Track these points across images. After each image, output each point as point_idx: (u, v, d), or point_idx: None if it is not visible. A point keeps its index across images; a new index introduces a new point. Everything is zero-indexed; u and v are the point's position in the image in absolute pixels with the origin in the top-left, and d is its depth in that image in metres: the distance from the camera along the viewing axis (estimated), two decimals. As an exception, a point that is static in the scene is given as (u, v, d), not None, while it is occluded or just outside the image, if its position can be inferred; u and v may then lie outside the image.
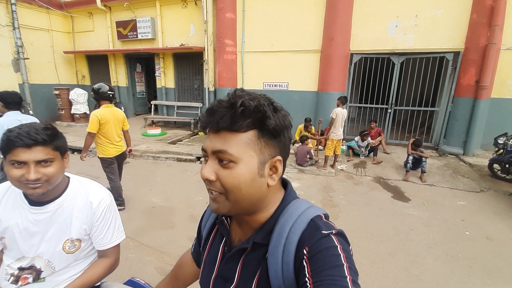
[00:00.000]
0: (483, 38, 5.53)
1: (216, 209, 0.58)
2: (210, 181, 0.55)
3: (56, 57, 9.44)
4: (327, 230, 0.55)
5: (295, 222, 0.57)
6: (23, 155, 0.90)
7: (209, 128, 0.56)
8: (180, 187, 4.43)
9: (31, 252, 1.02)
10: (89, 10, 9.22)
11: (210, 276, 0.68)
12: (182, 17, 8.09)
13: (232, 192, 0.55)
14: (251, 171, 0.55)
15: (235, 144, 0.53)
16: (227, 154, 0.53)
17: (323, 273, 0.48)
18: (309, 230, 0.56)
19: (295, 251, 0.54)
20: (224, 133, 0.54)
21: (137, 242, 2.86)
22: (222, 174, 0.54)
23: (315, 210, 0.60)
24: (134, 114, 10.15)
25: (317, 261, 0.50)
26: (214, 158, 0.56)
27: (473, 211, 3.79)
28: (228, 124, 0.53)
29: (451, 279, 2.48)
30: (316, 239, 0.53)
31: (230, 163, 0.54)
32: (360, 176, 5.07)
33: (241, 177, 0.54)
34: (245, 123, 0.53)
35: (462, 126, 6.06)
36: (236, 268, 0.62)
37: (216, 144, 0.54)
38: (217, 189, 0.55)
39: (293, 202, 0.62)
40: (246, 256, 0.62)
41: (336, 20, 6.36)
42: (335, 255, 0.50)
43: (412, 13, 6.07)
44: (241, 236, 0.65)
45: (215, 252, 0.70)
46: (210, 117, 0.55)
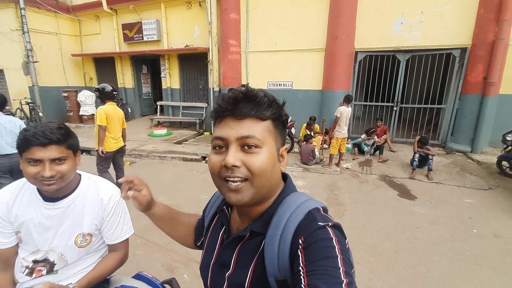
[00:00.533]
0: (491, 34, 5.45)
1: (238, 200, 0.58)
2: (234, 169, 0.56)
3: (64, 60, 9.63)
4: (323, 222, 0.56)
5: (293, 213, 0.59)
6: (39, 153, 0.95)
7: (230, 116, 0.57)
8: (186, 186, 4.48)
9: (45, 245, 1.07)
10: (95, 14, 9.37)
11: (209, 262, 0.71)
12: (187, 18, 8.17)
13: (259, 177, 0.56)
14: (273, 156, 0.59)
15: (260, 130, 0.57)
16: (255, 139, 0.56)
17: (317, 263, 0.49)
18: (305, 221, 0.57)
19: (291, 240, 0.56)
20: (249, 120, 0.57)
21: (144, 240, 2.92)
22: (248, 159, 0.56)
23: (313, 202, 0.62)
24: (140, 115, 10.28)
25: (311, 251, 0.51)
26: (237, 145, 0.57)
27: (481, 209, 3.74)
28: (255, 111, 0.57)
29: (457, 277, 2.46)
30: (312, 230, 0.54)
31: (255, 148, 0.56)
32: (366, 174, 5.05)
33: (267, 161, 0.57)
34: (269, 112, 0.58)
35: (469, 123, 5.98)
36: (232, 254, 0.65)
37: (241, 130, 0.56)
38: (243, 175, 0.56)
39: (292, 194, 0.64)
40: (243, 244, 0.64)
41: (340, 18, 6.34)
42: (329, 246, 0.51)
43: (418, 9, 6.01)
44: (240, 225, 0.68)
45: (214, 239, 0.73)
46: (232, 105, 0.57)
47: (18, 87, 8.88)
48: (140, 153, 6.10)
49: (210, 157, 0.61)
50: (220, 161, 0.58)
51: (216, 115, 0.60)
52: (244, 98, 0.57)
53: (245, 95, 0.57)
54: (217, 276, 0.67)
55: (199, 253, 2.45)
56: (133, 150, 6.19)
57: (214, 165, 0.59)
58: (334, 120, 5.05)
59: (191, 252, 2.72)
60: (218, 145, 0.59)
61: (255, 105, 0.57)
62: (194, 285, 2.34)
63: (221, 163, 0.57)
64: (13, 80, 8.96)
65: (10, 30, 8.28)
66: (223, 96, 0.59)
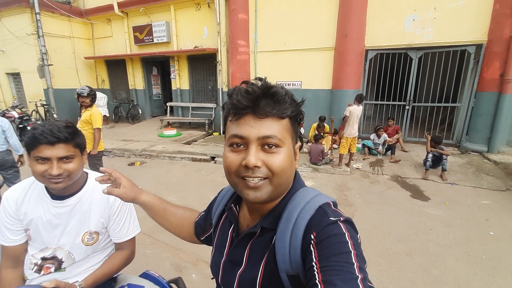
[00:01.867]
0: (508, 29, 5.25)
1: (257, 197, 0.57)
2: (255, 169, 0.55)
3: (77, 62, 9.88)
4: (335, 217, 0.55)
5: (303, 208, 0.58)
6: (47, 151, 0.96)
7: (251, 114, 0.55)
8: (195, 186, 4.51)
9: (53, 243, 1.08)
10: (107, 17, 9.58)
11: (220, 261, 0.70)
12: (196, 20, 8.23)
13: (279, 176, 0.56)
14: (291, 154, 0.59)
15: (279, 129, 0.56)
16: (276, 139, 0.55)
17: (330, 259, 0.49)
18: (317, 216, 0.57)
19: (303, 236, 0.55)
20: (270, 119, 0.55)
21: (153, 239, 2.94)
22: (269, 159, 0.55)
23: (323, 197, 0.61)
24: (150, 116, 10.43)
25: (324, 247, 0.51)
26: (258, 144, 0.55)
27: (498, 211, 3.60)
28: (276, 110, 0.55)
29: (473, 281, 2.37)
30: (324, 225, 0.54)
31: (276, 147, 0.56)
32: (377, 175, 4.95)
33: (287, 160, 0.57)
34: (289, 111, 0.57)
35: (486, 122, 5.77)
36: (244, 252, 0.64)
37: (262, 130, 0.55)
38: (263, 175, 0.55)
39: (301, 190, 0.63)
40: (254, 241, 0.63)
41: (350, 16, 6.25)
42: (342, 242, 0.51)
43: (431, 5, 5.85)
44: (250, 221, 0.67)
45: (224, 237, 0.72)
46: (253, 102, 0.54)
47: (33, 89, 9.17)
48: (150, 153, 6.18)
49: (226, 155, 0.59)
50: (238, 160, 0.56)
51: (234, 112, 0.57)
52: (264, 94, 0.55)
53: (265, 91, 0.55)
54: (228, 274, 0.67)
55: (207, 252, 2.44)
56: (144, 151, 6.28)
57: (232, 164, 0.57)
58: (343, 120, 4.96)
59: (199, 252, 2.73)
60: (236, 143, 0.57)
61: (276, 104, 0.55)
62: (202, 285, 2.34)
63: (240, 162, 0.56)
64: (29, 83, 9.26)
65: (26, 34, 8.56)
66: (241, 91, 0.56)
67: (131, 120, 9.87)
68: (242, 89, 0.56)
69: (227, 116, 0.60)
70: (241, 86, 0.57)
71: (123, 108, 10.18)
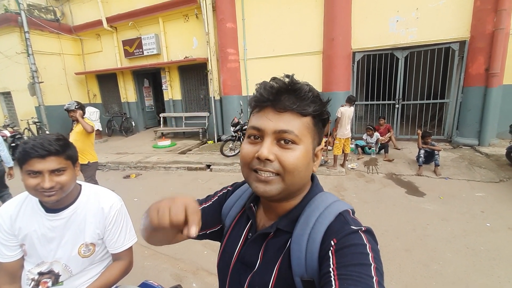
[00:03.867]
0: (490, 25, 5.41)
1: (265, 191, 0.55)
2: (266, 162, 0.54)
3: (68, 78, 9.87)
4: (356, 226, 0.54)
5: (322, 213, 0.57)
6: (38, 165, 0.96)
7: (271, 107, 0.55)
8: (191, 195, 4.47)
9: (49, 257, 1.08)
10: (96, 32, 9.61)
11: (229, 261, 0.68)
12: (185, 31, 8.32)
13: (291, 174, 0.54)
14: (309, 154, 0.57)
15: (299, 126, 0.55)
16: (293, 135, 0.54)
17: (350, 268, 0.48)
18: (337, 223, 0.56)
19: (321, 241, 0.54)
20: (289, 114, 0.54)
21: (152, 251, 2.91)
22: (282, 154, 0.54)
23: (343, 204, 0.61)
24: (144, 127, 10.40)
25: (344, 255, 0.50)
26: (273, 138, 0.55)
27: (493, 202, 3.65)
28: (297, 106, 0.54)
29: (473, 273, 2.39)
30: (345, 233, 0.53)
31: (292, 144, 0.54)
32: (372, 174, 4.99)
33: (302, 159, 0.55)
34: (312, 108, 0.55)
35: (475, 116, 5.89)
36: (258, 253, 0.62)
37: (280, 124, 0.54)
38: (274, 170, 0.54)
39: (320, 194, 0.63)
40: (268, 241, 0.62)
41: (335, 20, 6.39)
42: (363, 253, 0.50)
43: (413, 6, 6.02)
44: (266, 222, 0.66)
45: (236, 238, 0.70)
46: (274, 95, 0.54)
47: (25, 107, 9.10)
48: (146, 165, 6.14)
49: (243, 146, 0.59)
50: (253, 151, 0.56)
51: (255, 104, 0.58)
52: (287, 90, 0.55)
53: (289, 86, 0.55)
54: (237, 276, 0.64)
55: (208, 261, 2.45)
56: (138, 163, 6.24)
57: (247, 155, 0.57)
58: (335, 121, 5.02)
59: (199, 261, 2.71)
60: (253, 134, 0.57)
61: (298, 99, 0.54)
62: (203, 294, 2.32)
63: (254, 153, 0.55)
64: (20, 101, 9.20)
65: (16, 53, 8.54)
66: (266, 85, 0.56)
67: (125, 133, 9.82)
68: (267, 84, 0.56)
69: (251, 111, 0.60)
70: (267, 81, 0.57)
71: (116, 121, 10.15)
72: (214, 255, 2.72)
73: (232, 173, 5.51)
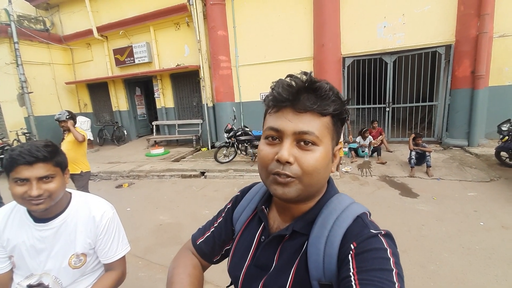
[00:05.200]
0: (474, 29, 5.58)
1: (284, 193, 0.54)
2: (286, 164, 0.52)
3: (58, 88, 9.74)
4: (375, 230, 0.53)
5: (340, 216, 0.56)
6: (25, 172, 0.93)
7: (290, 107, 0.53)
8: (186, 203, 4.42)
9: (38, 269, 1.03)
10: (87, 41, 9.56)
11: (242, 264, 0.65)
12: (176, 39, 8.34)
13: (310, 176, 0.53)
14: (328, 155, 0.55)
15: (319, 126, 0.53)
16: (313, 136, 0.52)
17: (371, 273, 0.47)
18: (356, 226, 0.54)
19: (340, 244, 0.53)
20: (309, 115, 0.52)
21: (146, 261, 2.84)
22: (302, 156, 0.52)
23: (360, 207, 0.59)
24: (136, 136, 10.28)
25: (364, 259, 0.49)
26: (293, 139, 0.53)
27: (486, 201, 3.71)
28: (317, 106, 0.52)
29: (469, 272, 2.40)
30: (365, 237, 0.52)
31: (312, 145, 0.53)
32: (366, 176, 5.02)
33: (321, 160, 0.53)
34: (331, 108, 0.53)
35: (463, 118, 6.03)
36: (273, 255, 0.61)
37: (300, 125, 0.52)
38: (293, 173, 0.52)
39: (336, 196, 0.61)
40: (284, 244, 0.60)
41: (324, 26, 6.50)
42: (384, 258, 0.49)
43: (399, 12, 6.19)
44: (280, 223, 0.64)
45: (248, 240, 0.67)
46: (293, 95, 0.52)
47: (14, 118, 8.92)
48: (138, 174, 6.05)
49: (261, 148, 0.57)
50: (272, 153, 0.54)
51: (273, 104, 0.55)
52: (307, 89, 0.53)
53: (308, 85, 0.53)
54: (251, 279, 0.62)
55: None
56: (131, 172, 6.14)
57: (266, 157, 0.55)
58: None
59: (194, 270, 2.65)
60: (271, 135, 0.55)
61: (318, 99, 0.52)
62: (199, 304, 2.26)
63: (274, 155, 0.53)
64: (9, 112, 9.02)
65: (5, 64, 8.41)
66: (283, 83, 0.54)
67: (117, 142, 9.70)
68: (284, 82, 0.54)
69: (267, 109, 0.58)
70: (284, 79, 0.55)
71: (108, 130, 10.02)
72: (210, 263, 2.67)
73: (226, 179, 5.47)
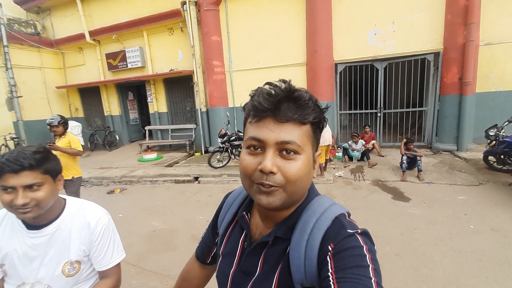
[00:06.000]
0: (461, 37, 5.76)
1: (269, 203, 0.54)
2: (270, 174, 0.52)
3: (48, 92, 9.58)
4: (352, 229, 0.55)
5: (319, 219, 0.57)
6: (11, 180, 0.91)
7: (271, 117, 0.53)
8: (179, 208, 4.38)
9: (30, 277, 1.01)
10: (79, 46, 9.47)
11: (228, 270, 0.66)
12: (170, 43, 8.34)
13: (293, 184, 0.53)
14: (310, 162, 0.56)
15: (300, 135, 0.53)
16: (295, 145, 0.53)
17: (348, 271, 0.48)
18: (334, 227, 0.55)
19: (319, 247, 0.54)
20: (291, 124, 0.53)
21: (139, 268, 2.79)
22: (285, 165, 0.53)
23: (339, 208, 0.60)
24: (129, 141, 10.17)
25: (341, 258, 0.50)
26: (276, 149, 0.53)
27: (475, 205, 3.79)
28: (298, 115, 0.53)
29: (461, 275, 2.44)
30: (342, 237, 0.53)
31: (294, 154, 0.53)
32: (359, 181, 5.08)
33: (304, 168, 0.54)
34: (312, 116, 0.54)
35: (452, 123, 6.18)
36: (258, 261, 0.61)
37: (282, 135, 0.52)
38: (276, 183, 0.52)
39: (316, 198, 0.62)
40: (267, 250, 0.61)
41: (317, 33, 6.61)
42: (360, 255, 0.50)
43: (389, 20, 6.35)
44: (262, 229, 0.65)
45: (233, 246, 0.68)
46: (274, 105, 0.52)
47: (2, 123, 8.69)
48: (131, 179, 5.97)
49: (243, 158, 0.57)
50: (255, 163, 0.54)
51: (254, 114, 0.55)
52: (287, 98, 0.53)
53: (288, 94, 0.53)
54: (238, 285, 0.63)
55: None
56: (123, 177, 6.05)
57: (248, 167, 0.55)
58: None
59: (188, 277, 2.61)
60: (253, 145, 0.55)
61: (298, 108, 0.53)
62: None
63: (256, 166, 0.54)
64: (-3, 116, 8.80)
65: (-7, 67, 8.24)
66: (263, 92, 0.54)
67: (108, 147, 9.56)
68: (264, 91, 0.54)
69: (247, 117, 0.58)
70: (263, 88, 0.56)
71: (99, 135, 9.88)
72: (205, 270, 2.64)
73: (220, 184, 5.44)
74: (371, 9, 6.42)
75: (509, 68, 5.93)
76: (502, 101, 6.02)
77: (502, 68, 5.97)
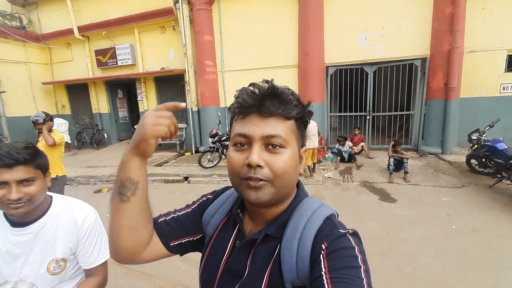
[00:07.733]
0: (446, 44, 5.95)
1: (258, 198, 0.55)
2: (257, 169, 0.53)
3: (34, 88, 9.30)
4: (343, 230, 0.56)
5: (310, 218, 0.58)
6: (5, 175, 0.90)
7: (256, 113, 0.55)
8: (168, 208, 4.24)
9: (14, 275, 0.99)
10: (67, 41, 9.25)
11: (215, 271, 0.64)
12: (161, 42, 8.26)
13: (281, 178, 0.55)
14: (296, 156, 0.58)
15: (285, 129, 0.55)
16: (280, 139, 0.54)
17: (341, 271, 0.49)
18: (326, 226, 0.56)
19: (312, 245, 0.54)
20: (275, 119, 0.55)
21: (126, 268, 2.75)
22: (272, 159, 0.54)
23: (328, 208, 0.62)
24: (117, 139, 9.98)
25: (334, 258, 0.51)
26: (262, 143, 0.55)
27: (457, 206, 3.92)
28: (281, 110, 0.55)
29: (443, 274, 2.52)
30: (335, 237, 0.54)
31: (280, 148, 0.55)
32: (347, 182, 5.16)
33: (290, 162, 0.56)
34: (295, 111, 0.56)
35: (437, 127, 6.36)
36: (246, 260, 0.61)
37: (267, 129, 0.54)
38: (264, 176, 0.54)
39: (306, 199, 0.63)
40: (257, 248, 0.61)
41: (309, 36, 6.69)
42: (353, 256, 0.51)
43: (379, 25, 6.50)
44: (253, 228, 0.65)
45: (222, 246, 0.67)
46: (258, 101, 0.54)
47: (-17, 119, 8.40)
48: (119, 178, 5.86)
49: (230, 155, 0.58)
50: (242, 159, 0.55)
51: (239, 111, 0.57)
52: (270, 94, 0.55)
53: (271, 91, 0.55)
54: (225, 286, 0.61)
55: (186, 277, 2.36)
56: (111, 176, 5.94)
57: (236, 163, 0.56)
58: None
59: (177, 277, 2.60)
60: (240, 142, 0.56)
61: (281, 103, 0.55)
62: (181, 311, 2.22)
63: (243, 161, 0.55)
64: (-22, 112, 8.49)
65: (-26, 61, 7.95)
66: (247, 91, 0.56)
67: (96, 145, 9.36)
68: (248, 90, 0.57)
69: (233, 117, 0.60)
70: (248, 87, 0.58)
71: (87, 133, 9.65)
72: (193, 270, 2.64)
73: (210, 184, 5.43)
74: (362, 14, 6.55)
75: (491, 75, 6.17)
76: (485, 107, 6.25)
77: (485, 75, 6.21)
